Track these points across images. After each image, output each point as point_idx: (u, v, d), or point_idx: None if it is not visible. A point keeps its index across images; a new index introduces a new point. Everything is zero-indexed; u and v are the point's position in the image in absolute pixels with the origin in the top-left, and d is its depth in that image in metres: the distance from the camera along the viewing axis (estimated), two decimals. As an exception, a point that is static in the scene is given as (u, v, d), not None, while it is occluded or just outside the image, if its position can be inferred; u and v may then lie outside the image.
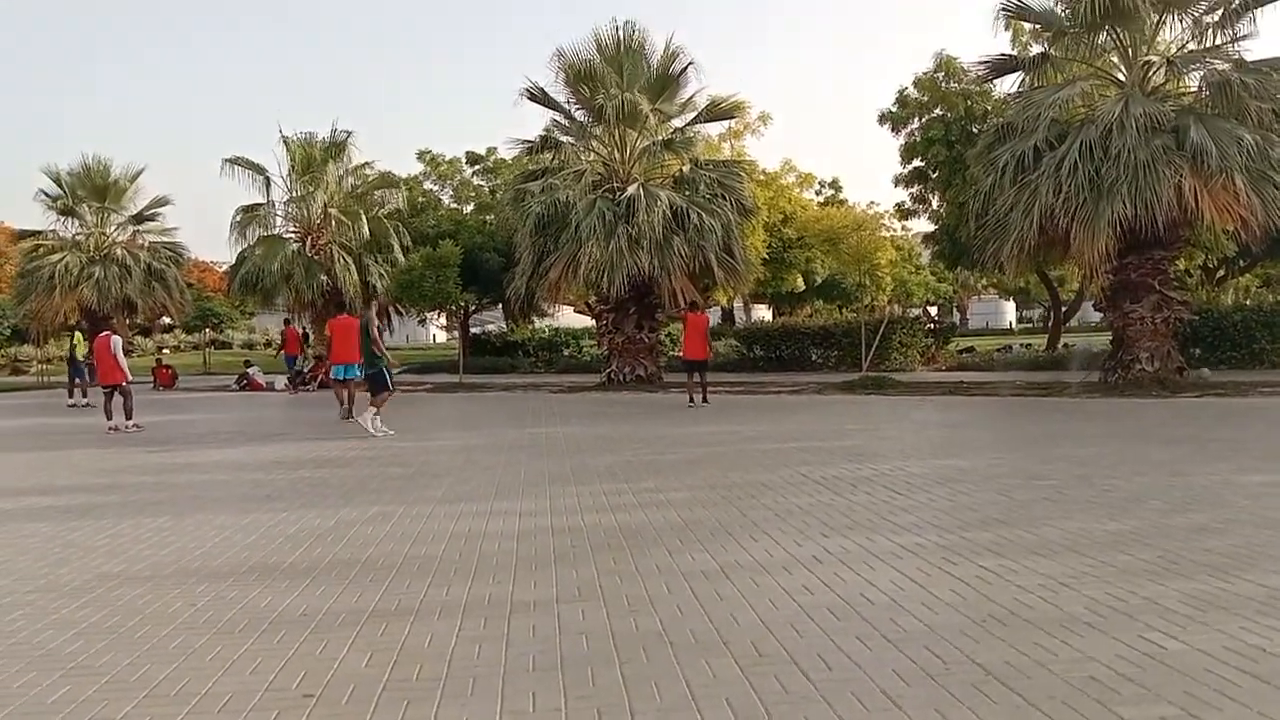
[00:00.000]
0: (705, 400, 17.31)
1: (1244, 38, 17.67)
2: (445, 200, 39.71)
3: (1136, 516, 6.67)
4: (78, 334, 26.79)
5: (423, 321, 41.50)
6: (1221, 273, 30.40)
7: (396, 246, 32.26)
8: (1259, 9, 17.35)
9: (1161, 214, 16.18)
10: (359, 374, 15.65)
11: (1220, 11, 17.64)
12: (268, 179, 31.35)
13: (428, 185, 39.89)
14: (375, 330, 14.51)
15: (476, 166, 39.40)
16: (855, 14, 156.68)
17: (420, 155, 40.10)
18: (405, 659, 4.23)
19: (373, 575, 5.72)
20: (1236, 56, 17.64)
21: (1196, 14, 17.94)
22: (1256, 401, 15.11)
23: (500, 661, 4.16)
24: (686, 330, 17.83)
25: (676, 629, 4.51)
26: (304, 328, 33.92)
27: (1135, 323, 17.97)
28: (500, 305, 35.82)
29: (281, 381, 27.73)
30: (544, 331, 34.40)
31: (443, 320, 39.96)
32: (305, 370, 28.70)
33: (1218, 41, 17.97)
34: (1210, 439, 10.84)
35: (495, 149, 38.03)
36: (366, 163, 34.15)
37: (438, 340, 62.08)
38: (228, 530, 7.21)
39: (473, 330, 39.21)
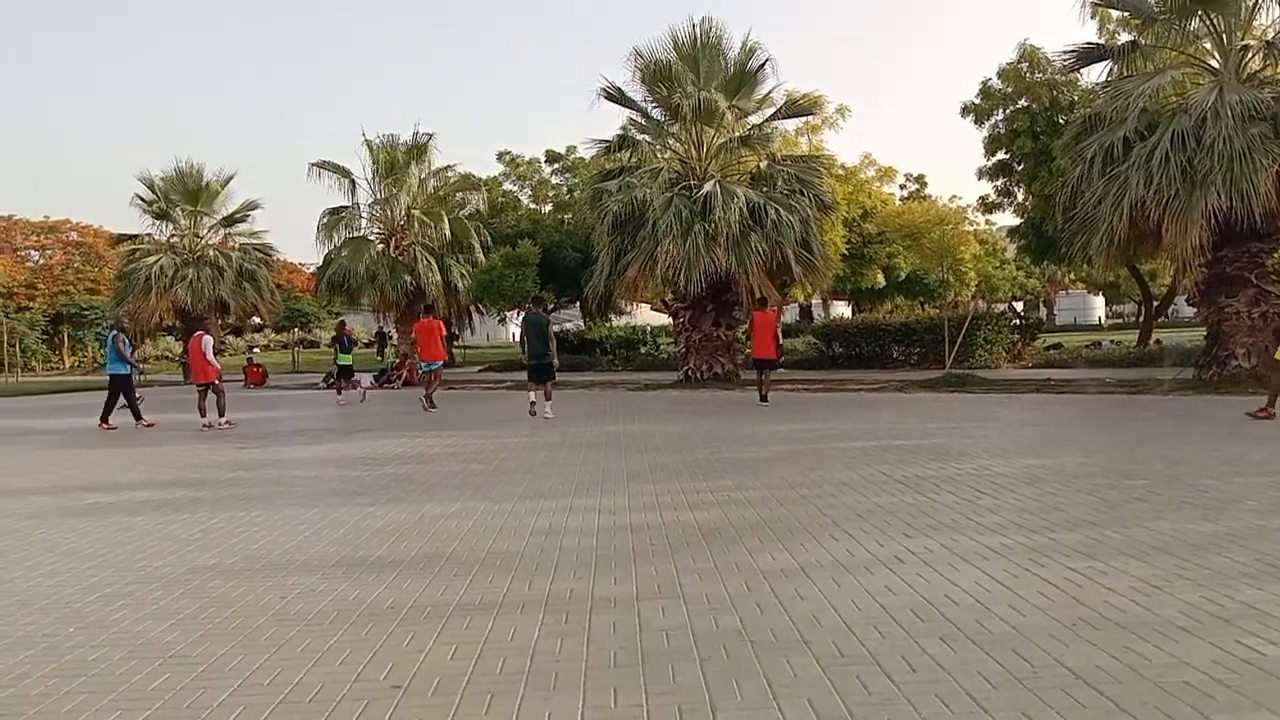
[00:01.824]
0: (763, 399, 17.02)
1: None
2: (524, 200, 40.19)
3: (1232, 518, 6.44)
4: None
5: (502, 320, 42.03)
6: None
7: (477, 246, 32.76)
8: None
9: (1259, 205, 15.58)
10: (438, 368, 19.02)
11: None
12: (352, 182, 32.11)
13: (507, 186, 40.45)
14: (550, 330, 16.93)
15: (555, 166, 39.81)
16: (936, 4, 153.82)
17: (500, 156, 40.72)
18: (489, 652, 4.30)
19: (456, 570, 5.82)
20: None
21: (1297, -6, 17.20)
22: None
23: (582, 657, 4.20)
24: (754, 329, 17.64)
25: (757, 627, 4.50)
26: (385, 327, 34.64)
27: (1231, 317, 17.31)
28: (578, 303, 36.09)
29: (367, 379, 28.33)
30: (621, 329, 34.51)
31: (521, 319, 40.33)
32: (390, 368, 29.32)
33: (1320, 21, 17.22)
34: (1314, 438, 10.40)
35: (574, 148, 38.40)
36: (448, 165, 34.75)
37: (516, 339, 62.79)
38: (316, 524, 7.41)
39: (551, 327, 39.56)
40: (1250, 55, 17.66)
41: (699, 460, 10.31)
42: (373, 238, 32.66)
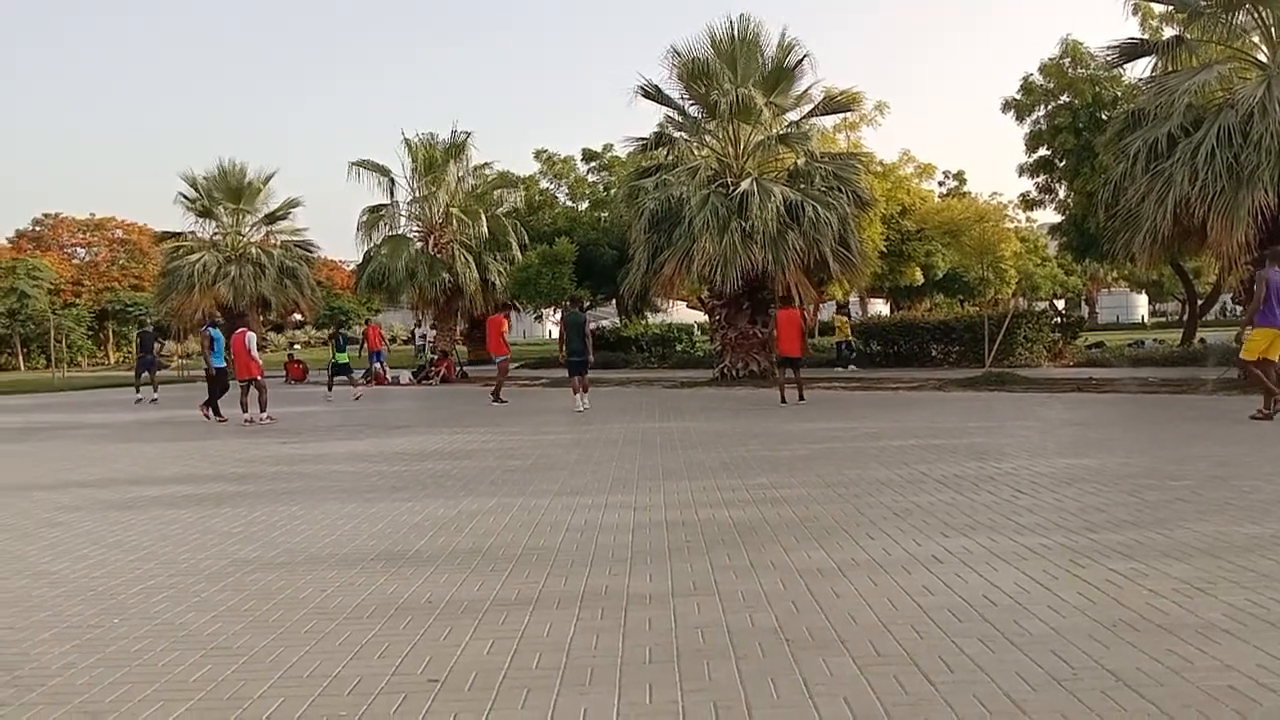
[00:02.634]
0: (801, 398, 16.87)
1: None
2: (561, 198, 40.34)
3: (1278, 520, 6.32)
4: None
5: (539, 317, 42.23)
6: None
7: (514, 244, 32.92)
8: None
9: (1308, 201, 15.25)
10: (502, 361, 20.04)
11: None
12: (391, 180, 32.39)
13: (544, 184, 40.61)
14: (588, 328, 18.08)
15: (592, 164, 39.93)
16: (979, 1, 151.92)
17: (537, 154, 40.89)
18: (525, 648, 4.33)
19: (494, 565, 5.86)
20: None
21: (1350, -16, 16.80)
22: None
23: (617, 653, 4.22)
24: (779, 326, 17.20)
25: (793, 626, 4.49)
26: (425, 323, 34.90)
27: (1281, 316, 16.93)
28: (614, 301, 36.15)
29: (405, 375, 28.58)
30: (657, 327, 34.52)
31: (559, 316, 40.52)
32: (429, 364, 29.56)
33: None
34: (1365, 440, 10.17)
35: (611, 146, 38.51)
36: (485, 163, 35.01)
37: (553, 336, 63.03)
38: (356, 519, 7.50)
39: (588, 326, 39.72)
40: (1301, 48, 17.30)
41: (734, 458, 10.29)
42: (412, 235, 32.95)
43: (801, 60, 23.01)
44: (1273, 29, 17.36)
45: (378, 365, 28.84)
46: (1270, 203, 15.40)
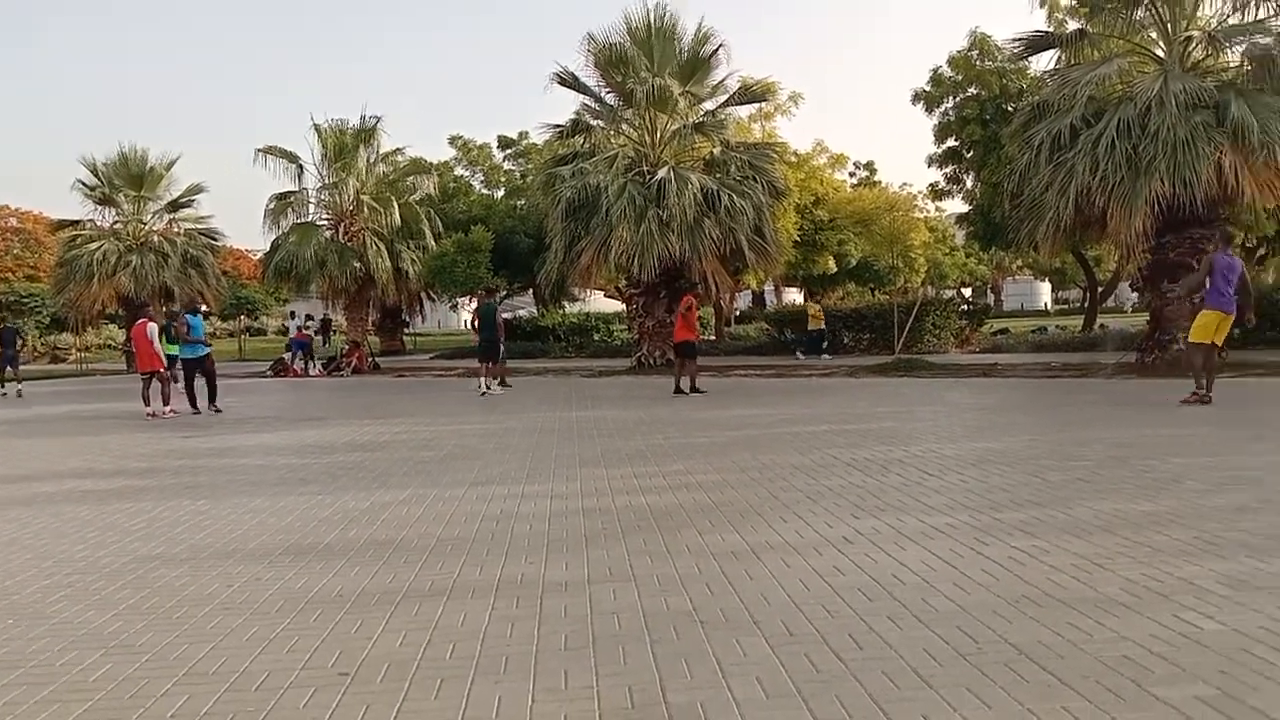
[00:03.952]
0: (692, 389, 16.10)
1: (1287, 10, 17.27)
2: (476, 185, 39.90)
3: (1173, 497, 6.59)
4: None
5: (454, 307, 41.74)
6: (1262, 251, 29.88)
7: (428, 232, 32.45)
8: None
9: (1200, 192, 15.92)
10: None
11: (1265, -17, 17.23)
12: (300, 167, 31.61)
13: (459, 171, 40.11)
14: (499, 317, 18.98)
15: (508, 151, 39.57)
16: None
17: (452, 140, 40.36)
18: (439, 638, 4.27)
19: (406, 556, 5.78)
20: (1279, 30, 17.25)
21: (1240, -14, 17.54)
22: (1298, 382, 14.81)
23: (533, 640, 4.20)
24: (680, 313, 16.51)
25: (707, 608, 4.52)
26: (331, 315, 34.21)
27: (1172, 303, 17.67)
28: (531, 290, 35.93)
29: (315, 367, 28.04)
30: (574, 316, 34.45)
31: (474, 305, 40.18)
32: (339, 354, 29.00)
33: (1260, 15, 17.57)
34: (1248, 419, 10.67)
35: (527, 133, 38.19)
36: (397, 149, 34.37)
37: (467, 326, 62.47)
38: (263, 513, 7.31)
39: (504, 315, 39.49)
40: (1194, 45, 17.99)
41: (651, 445, 10.32)
42: (321, 223, 32.22)
43: (717, 50, 23.17)
44: (1169, 25, 18.06)
45: (287, 356, 28.20)
46: (1165, 192, 16.02)
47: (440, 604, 4.78)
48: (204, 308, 19.78)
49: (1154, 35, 18.64)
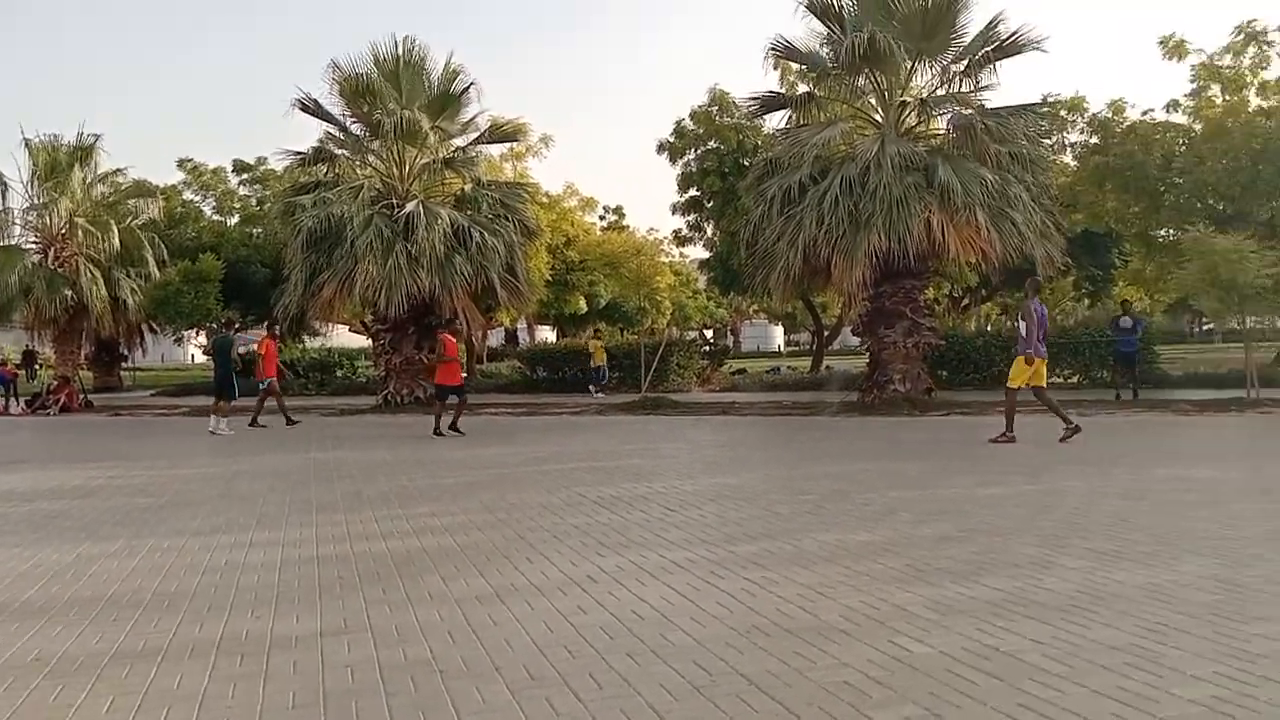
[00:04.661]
0: (451, 429, 15.68)
1: (985, 87, 19.43)
2: (207, 211, 37.52)
3: (888, 527, 7.12)
4: None
5: (179, 340, 38.85)
6: (966, 301, 33.29)
7: (151, 259, 30.15)
8: (999, 61, 19.08)
9: (913, 246, 17.48)
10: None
11: (965, 61, 19.31)
12: (4, 184, 28.57)
13: (188, 195, 37.55)
14: (236, 352, 18.52)
15: (244, 176, 37.48)
16: (646, 45, 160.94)
17: (181, 163, 37.71)
18: (151, 703, 3.90)
19: (117, 614, 5.25)
20: (979, 103, 19.38)
21: (944, 62, 19.55)
22: (995, 419, 16.42)
23: (257, 701, 3.92)
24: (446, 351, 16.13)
25: (447, 657, 4.40)
26: (37, 347, 31.05)
27: (889, 347, 19.27)
28: (267, 323, 34.10)
29: (16, 405, 25.25)
30: (315, 351, 32.94)
31: (203, 339, 37.62)
32: (45, 391, 26.20)
33: (963, 88, 19.67)
34: (954, 455, 11.76)
35: (265, 159, 36.37)
36: (119, 169, 31.80)
37: (197, 360, 58.37)
38: (-60, 571, 6.42)
39: (239, 350, 37.20)
40: (907, 112, 19.91)
41: (395, 487, 10.00)
42: (29, 247, 29.20)
43: (468, 88, 23.10)
44: (886, 92, 19.85)
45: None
46: (882, 246, 17.49)
47: (154, 665, 4.37)
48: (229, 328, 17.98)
49: (873, 101, 20.43)
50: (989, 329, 32.43)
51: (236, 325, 22.84)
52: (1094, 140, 25.35)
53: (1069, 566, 5.74)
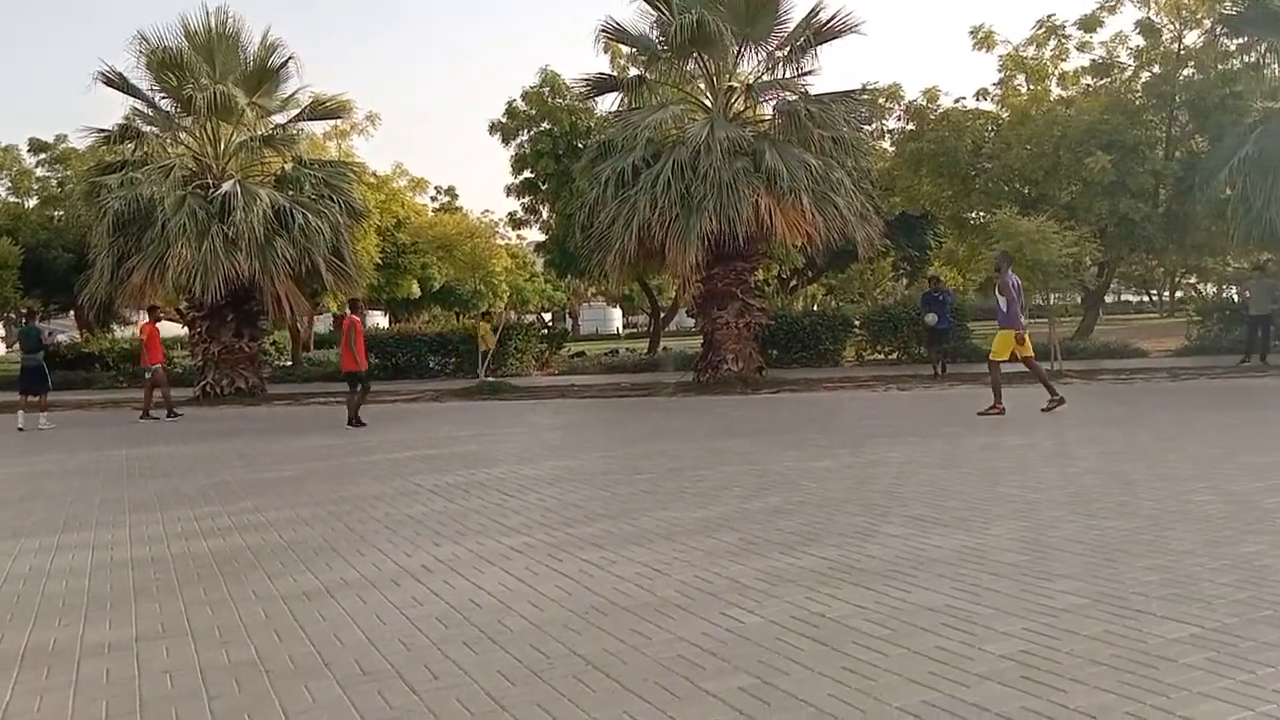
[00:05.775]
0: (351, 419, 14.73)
1: (809, 73, 20.04)
2: (2, 193, 34.66)
3: (721, 503, 7.30)
4: None
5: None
6: (794, 282, 34.47)
7: (-65, 244, 27.58)
8: (819, 46, 19.68)
9: (742, 229, 17.90)
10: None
11: (788, 48, 19.86)
12: None
13: (-23, 175, 34.56)
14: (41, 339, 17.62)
15: (42, 155, 34.76)
16: (471, 26, 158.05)
17: (-36, 141, 34.59)
18: (-64, 729, 3.59)
19: (-105, 633, 4.80)
20: (803, 89, 19.99)
21: (769, 48, 20.06)
22: (822, 395, 17.19)
23: (66, 713, 3.68)
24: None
25: (274, 656, 4.23)
26: None
27: (722, 327, 19.73)
28: (72, 312, 31.85)
29: None
30: (126, 341, 30.93)
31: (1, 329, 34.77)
32: None
33: (787, 74, 20.24)
34: (785, 430, 12.16)
35: (65, 137, 33.83)
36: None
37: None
38: None
39: (57, 338, 34.56)
40: (735, 97, 20.33)
41: (216, 483, 9.54)
42: None
43: (286, 62, 22.09)
44: (714, 77, 20.20)
45: None
46: (714, 229, 17.83)
47: (-59, 687, 4.02)
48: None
49: (702, 86, 20.76)
50: (815, 309, 33.69)
51: (39, 314, 21.20)
52: (910, 127, 26.57)
53: (890, 534, 6.03)
